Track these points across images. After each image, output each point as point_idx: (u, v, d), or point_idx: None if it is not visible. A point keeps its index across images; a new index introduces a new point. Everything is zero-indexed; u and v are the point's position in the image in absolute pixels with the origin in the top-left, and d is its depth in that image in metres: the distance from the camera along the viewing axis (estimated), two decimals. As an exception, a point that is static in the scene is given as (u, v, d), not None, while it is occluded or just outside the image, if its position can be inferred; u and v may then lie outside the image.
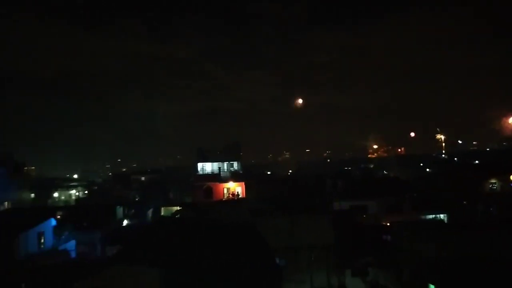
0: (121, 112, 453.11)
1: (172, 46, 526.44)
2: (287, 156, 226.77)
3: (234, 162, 58.35)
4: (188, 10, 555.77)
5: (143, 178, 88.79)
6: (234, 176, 56.57)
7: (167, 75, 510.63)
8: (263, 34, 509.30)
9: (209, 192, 54.67)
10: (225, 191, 55.13)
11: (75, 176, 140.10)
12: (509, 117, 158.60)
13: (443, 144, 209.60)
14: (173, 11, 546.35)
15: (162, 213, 49.76)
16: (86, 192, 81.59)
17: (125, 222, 48.05)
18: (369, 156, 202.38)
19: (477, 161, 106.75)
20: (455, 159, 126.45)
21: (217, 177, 56.31)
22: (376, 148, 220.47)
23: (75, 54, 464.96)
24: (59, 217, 42.07)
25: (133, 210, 52.38)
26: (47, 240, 33.58)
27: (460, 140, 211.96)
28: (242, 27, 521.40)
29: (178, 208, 47.79)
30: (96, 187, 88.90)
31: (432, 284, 23.62)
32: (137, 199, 65.37)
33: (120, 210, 48.25)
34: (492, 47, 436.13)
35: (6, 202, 47.25)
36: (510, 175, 52.39)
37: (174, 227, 26.51)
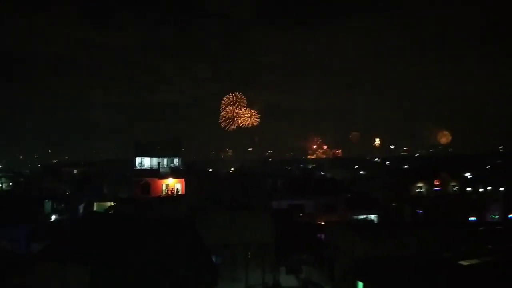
0: (54, 101, 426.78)
1: (111, 34, 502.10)
2: (229, 154, 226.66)
3: (175, 158, 56.99)
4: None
5: (75, 171, 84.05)
6: (174, 172, 55.33)
7: (106, 64, 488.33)
8: (209, 29, 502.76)
9: (147, 188, 53.06)
10: (164, 187, 53.77)
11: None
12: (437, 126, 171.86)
13: (377, 148, 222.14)
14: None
15: (95, 209, 47.69)
16: (11, 184, 76.10)
17: (53, 217, 45.62)
18: (308, 157, 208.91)
19: (406, 166, 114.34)
20: (387, 163, 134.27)
21: (155, 173, 54.69)
22: (315, 150, 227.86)
23: (5, 35, 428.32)
24: (-22, 210, 38.90)
25: (63, 205, 49.68)
26: (-37, 235, 30.79)
27: (393, 145, 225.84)
28: (187, 19, 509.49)
29: (112, 203, 46.05)
30: (22, 179, 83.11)
31: (361, 281, 24.48)
32: (68, 193, 61.93)
33: (48, 204, 45.92)
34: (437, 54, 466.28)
35: None
36: (435, 179, 56.70)
37: (107, 223, 25.48)
